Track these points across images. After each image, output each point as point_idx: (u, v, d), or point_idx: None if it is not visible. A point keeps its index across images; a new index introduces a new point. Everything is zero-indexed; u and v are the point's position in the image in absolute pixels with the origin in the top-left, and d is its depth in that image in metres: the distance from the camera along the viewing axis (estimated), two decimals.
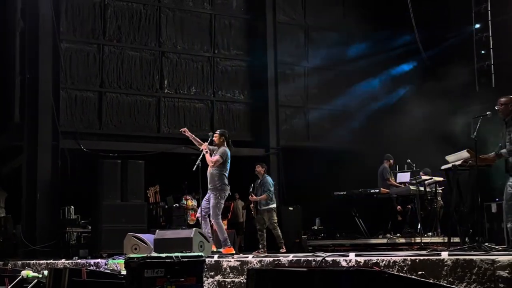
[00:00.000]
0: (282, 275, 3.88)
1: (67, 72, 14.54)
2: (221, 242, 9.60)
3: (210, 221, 9.83)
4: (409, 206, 12.74)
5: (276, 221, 11.70)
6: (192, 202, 14.62)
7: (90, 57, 14.91)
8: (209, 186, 9.83)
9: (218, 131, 10.16)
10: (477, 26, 15.43)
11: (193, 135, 10.34)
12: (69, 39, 14.65)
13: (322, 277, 3.53)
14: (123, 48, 15.29)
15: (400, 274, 4.64)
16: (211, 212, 9.66)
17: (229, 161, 9.81)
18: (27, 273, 7.73)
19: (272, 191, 11.68)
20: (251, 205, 12.05)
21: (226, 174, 9.81)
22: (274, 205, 11.77)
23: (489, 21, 15.25)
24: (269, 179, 11.77)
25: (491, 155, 7.56)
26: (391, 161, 13.15)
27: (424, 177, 11.98)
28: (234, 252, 9.45)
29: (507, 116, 7.51)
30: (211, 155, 9.86)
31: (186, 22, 16.07)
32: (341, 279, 3.46)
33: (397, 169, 13.68)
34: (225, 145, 9.89)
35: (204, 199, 9.87)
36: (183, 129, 10.33)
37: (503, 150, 7.34)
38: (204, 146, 9.82)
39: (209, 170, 9.83)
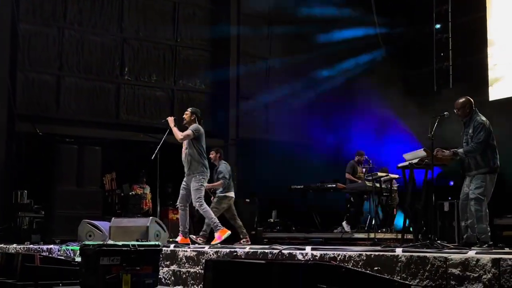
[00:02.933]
0: (240, 267, 3.90)
1: (25, 54, 14.23)
2: (213, 227, 9.01)
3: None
4: (365, 196, 12.84)
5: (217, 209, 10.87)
6: (141, 191, 14.54)
7: (50, 39, 14.62)
8: (186, 171, 9.11)
9: (189, 109, 9.47)
10: (438, 26, 15.69)
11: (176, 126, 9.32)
12: (28, 20, 14.33)
13: (280, 270, 3.55)
14: (84, 32, 15.04)
15: (357, 269, 4.70)
16: (192, 197, 8.95)
17: (203, 139, 9.15)
18: None
19: (228, 178, 11.00)
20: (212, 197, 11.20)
21: (205, 155, 9.13)
22: (232, 194, 11.12)
23: (449, 23, 15.53)
24: (224, 165, 11.15)
25: (446, 152, 7.70)
26: (362, 157, 13.17)
27: (380, 174, 12.14)
28: (229, 232, 8.94)
29: (465, 117, 7.66)
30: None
31: (149, 9, 15.89)
32: (298, 272, 3.49)
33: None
34: (197, 123, 9.22)
35: (181, 187, 9.19)
36: (169, 118, 9.37)
37: (460, 150, 7.50)
38: (171, 120, 9.16)
39: (185, 152, 9.09)
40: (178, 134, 9.04)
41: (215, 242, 8.91)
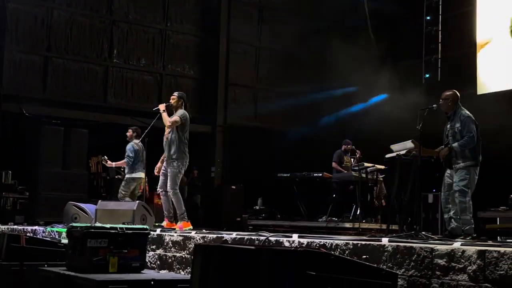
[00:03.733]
0: (229, 252, 3.91)
1: (12, 34, 14.08)
2: (178, 216, 8.91)
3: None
4: (351, 186, 12.91)
5: (125, 193, 10.96)
6: None
7: (38, 20, 14.47)
8: (166, 156, 8.99)
9: (176, 93, 9.34)
10: (428, 18, 15.73)
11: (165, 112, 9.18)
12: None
13: (270, 256, 3.56)
14: (73, 13, 14.91)
15: (346, 256, 4.73)
16: (168, 182, 8.84)
17: (188, 126, 9.07)
18: None
19: (132, 158, 10.84)
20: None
21: (186, 142, 9.01)
22: (139, 175, 10.92)
23: (440, 16, 15.57)
24: (131, 145, 11.00)
25: (440, 148, 7.74)
26: (348, 146, 13.21)
27: (366, 164, 12.19)
28: (191, 227, 8.82)
29: (448, 111, 7.70)
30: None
31: None
32: (288, 258, 3.51)
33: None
34: (183, 108, 9.16)
35: (161, 172, 9.07)
36: (161, 105, 9.22)
37: (455, 144, 7.50)
38: (162, 106, 9.07)
39: (166, 137, 8.99)
40: (167, 121, 8.98)
41: (171, 227, 8.81)
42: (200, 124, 15.78)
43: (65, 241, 6.49)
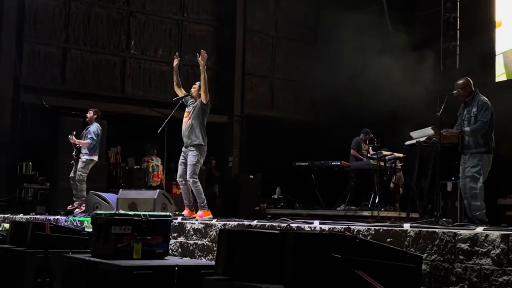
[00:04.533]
0: (254, 236, 3.94)
1: (31, 26, 14.22)
2: (199, 204, 8.78)
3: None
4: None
5: (84, 175, 10.78)
6: (153, 163, 14.53)
7: (56, 11, 14.59)
8: (186, 142, 8.80)
9: (197, 83, 9.16)
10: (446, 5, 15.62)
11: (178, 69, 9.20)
12: None
13: (295, 239, 3.59)
14: (90, 4, 15.02)
15: (370, 240, 4.75)
16: (188, 171, 8.68)
17: (207, 114, 8.93)
18: None
19: (96, 140, 10.76)
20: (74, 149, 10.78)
21: (206, 131, 8.86)
22: (96, 158, 10.90)
23: (458, 2, 15.45)
24: (96, 127, 10.94)
25: (454, 131, 7.72)
26: (367, 136, 13.14)
27: (385, 152, 12.16)
28: (211, 216, 8.68)
29: (467, 97, 7.67)
30: (186, 104, 8.96)
31: None
32: (313, 241, 3.53)
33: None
34: None
35: (180, 161, 8.93)
36: (176, 57, 9.22)
37: (467, 128, 7.51)
38: (204, 56, 8.84)
39: (187, 123, 8.78)
40: (205, 77, 8.77)
41: (192, 216, 8.68)
42: (217, 114, 15.81)
43: (88, 229, 6.56)
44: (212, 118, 12.75)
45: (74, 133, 10.88)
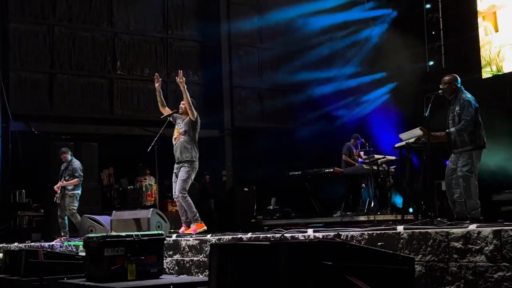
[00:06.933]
0: (245, 249, 3.92)
1: (16, 53, 14.22)
2: (191, 218, 8.73)
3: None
4: (363, 185, 12.92)
5: (76, 207, 11.09)
6: (146, 182, 14.49)
7: (40, 37, 14.59)
8: (178, 159, 8.77)
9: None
10: (428, 6, 15.69)
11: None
12: (17, 19, 14.32)
13: (286, 250, 3.57)
14: (74, 28, 15.02)
15: (361, 245, 4.74)
16: (177, 186, 8.67)
17: (199, 129, 8.95)
18: None
19: (82, 176, 11.11)
20: (56, 193, 11.10)
21: (197, 146, 8.86)
22: (80, 191, 11.19)
23: (439, 2, 15.53)
24: (79, 163, 11.22)
25: (442, 133, 7.72)
26: (357, 140, 13.14)
27: (377, 156, 12.15)
28: (205, 227, 8.64)
29: (450, 94, 7.68)
30: (175, 123, 8.94)
31: (138, 2, 15.84)
32: (303, 250, 3.51)
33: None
34: None
35: (173, 178, 8.90)
36: (156, 78, 9.22)
37: (452, 129, 7.50)
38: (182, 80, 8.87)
39: (178, 140, 8.80)
40: (188, 97, 8.78)
41: (187, 232, 8.64)
42: (208, 129, 15.80)
43: (82, 253, 6.53)
44: (203, 133, 12.71)
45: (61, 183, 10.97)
